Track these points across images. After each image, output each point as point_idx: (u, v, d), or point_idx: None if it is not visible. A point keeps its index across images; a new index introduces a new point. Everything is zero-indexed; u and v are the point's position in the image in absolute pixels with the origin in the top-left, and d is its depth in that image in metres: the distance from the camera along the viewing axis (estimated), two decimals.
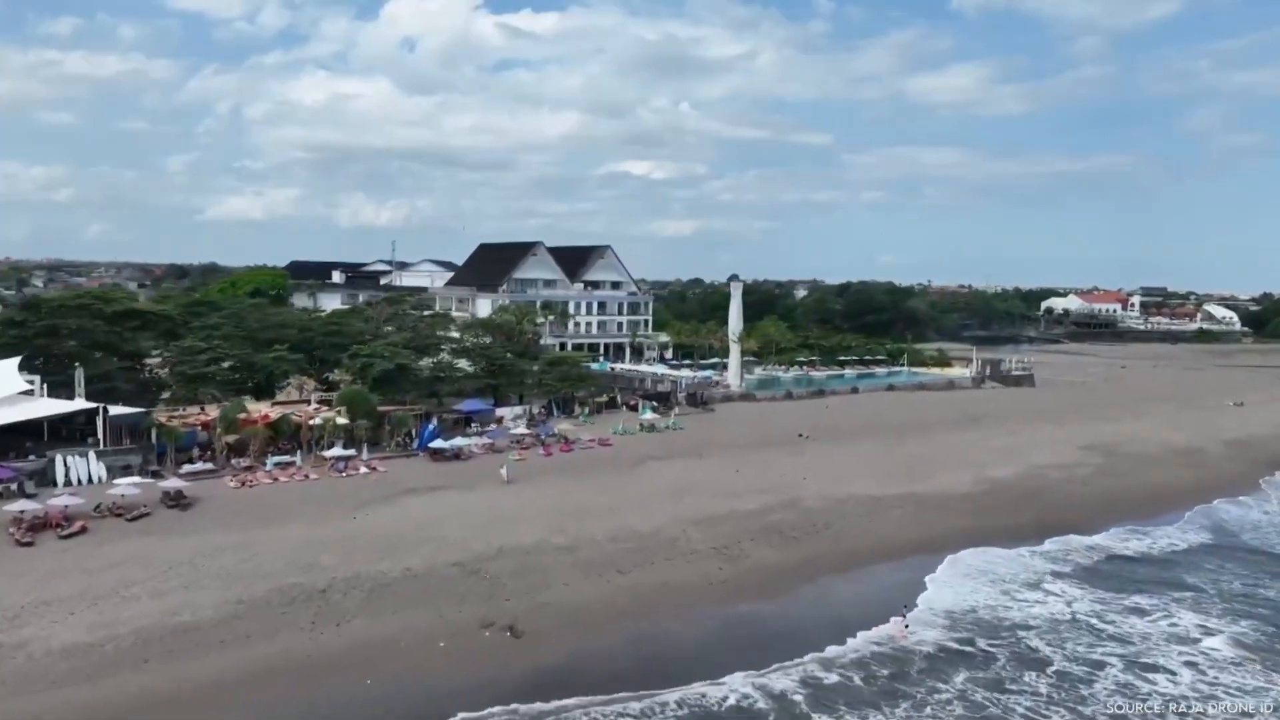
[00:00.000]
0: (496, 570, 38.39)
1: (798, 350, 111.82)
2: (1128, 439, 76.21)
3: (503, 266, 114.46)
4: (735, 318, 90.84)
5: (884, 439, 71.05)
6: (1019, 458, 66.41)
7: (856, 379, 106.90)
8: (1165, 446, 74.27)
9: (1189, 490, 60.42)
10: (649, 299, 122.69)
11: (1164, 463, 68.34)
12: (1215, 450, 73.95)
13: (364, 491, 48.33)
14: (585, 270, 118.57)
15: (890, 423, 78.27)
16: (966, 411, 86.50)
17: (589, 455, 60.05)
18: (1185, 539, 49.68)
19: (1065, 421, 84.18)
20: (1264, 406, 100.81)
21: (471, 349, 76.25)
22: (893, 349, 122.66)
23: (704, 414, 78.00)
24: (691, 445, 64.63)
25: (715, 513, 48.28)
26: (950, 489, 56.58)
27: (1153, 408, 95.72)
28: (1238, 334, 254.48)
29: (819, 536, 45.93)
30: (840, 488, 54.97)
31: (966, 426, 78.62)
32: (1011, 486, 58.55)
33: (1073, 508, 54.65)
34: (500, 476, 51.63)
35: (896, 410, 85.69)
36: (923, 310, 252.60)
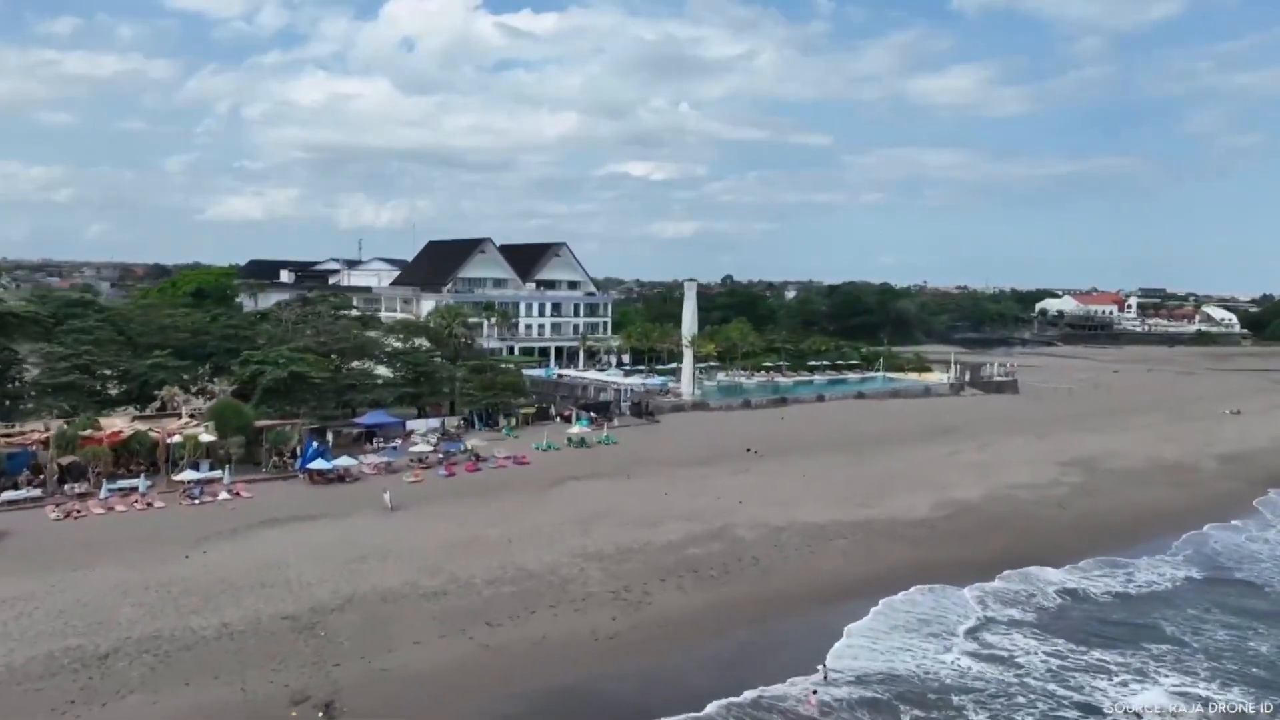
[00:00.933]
0: (337, 625, 32.45)
1: (765, 354, 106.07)
2: (1112, 453, 70.60)
3: (450, 265, 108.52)
4: (689, 320, 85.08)
5: (842, 454, 65.30)
6: (989, 476, 60.73)
7: (826, 385, 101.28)
8: (1153, 462, 68.69)
9: (1176, 513, 54.82)
10: (608, 300, 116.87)
11: (1150, 481, 62.73)
12: (1207, 466, 68.35)
13: (214, 523, 42.27)
14: (538, 269, 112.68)
15: (852, 435, 72.50)
16: (938, 422, 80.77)
17: (500, 476, 54.08)
18: (1169, 574, 43.94)
19: (1046, 433, 78.55)
20: (1262, 415, 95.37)
21: (391, 354, 70.35)
22: (868, 353, 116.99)
23: (647, 426, 72.16)
24: (622, 463, 58.73)
25: (626, 545, 42.43)
26: (906, 514, 50.83)
27: (1142, 417, 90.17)
28: (1237, 336, 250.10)
29: (742, 575, 40.07)
30: (780, 513, 49.17)
31: (936, 439, 72.87)
32: (976, 510, 52.83)
33: (1043, 535, 49.02)
34: (383, 503, 45.70)
35: (862, 420, 79.94)
36: (912, 312, 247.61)
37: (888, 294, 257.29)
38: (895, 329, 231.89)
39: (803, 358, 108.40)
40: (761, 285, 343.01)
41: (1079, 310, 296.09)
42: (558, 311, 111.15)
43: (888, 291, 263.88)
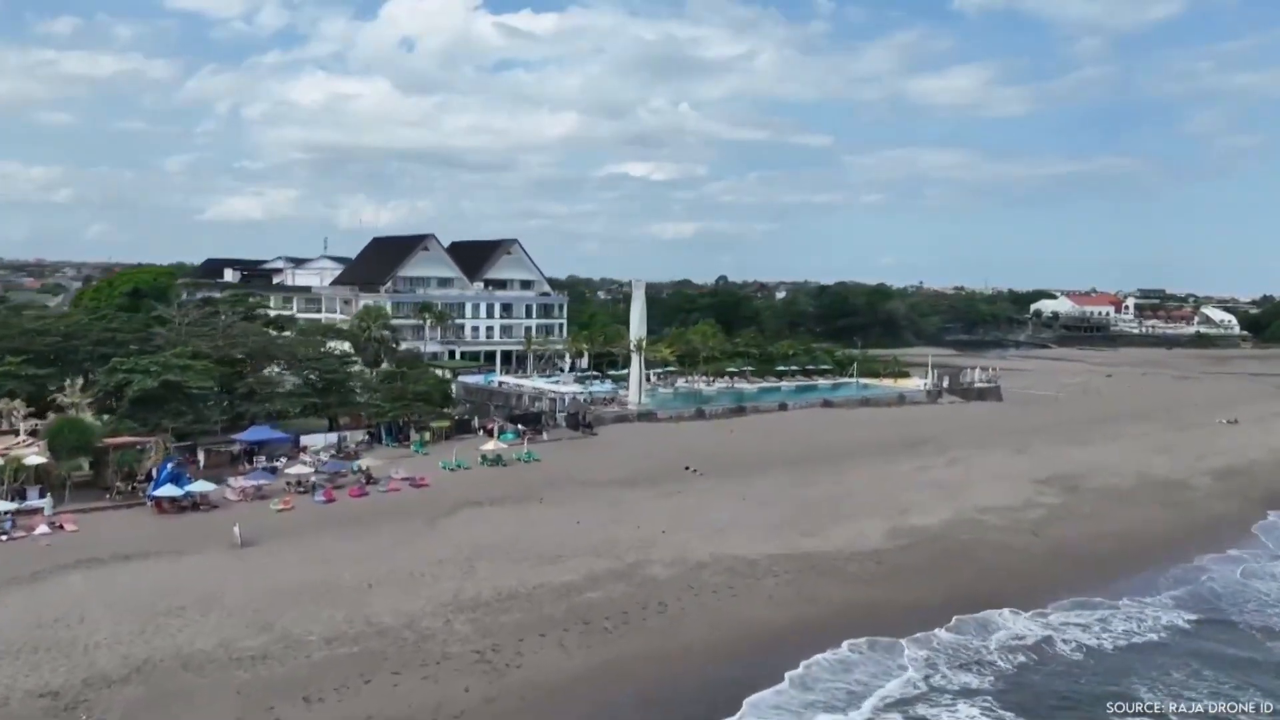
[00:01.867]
0: (109, 703, 26.37)
1: (731, 359, 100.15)
2: (1097, 468, 64.87)
3: (391, 263, 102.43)
4: (636, 322, 79.11)
5: (793, 471, 59.38)
6: (956, 497, 54.89)
7: (794, 392, 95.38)
8: (1141, 478, 62.95)
9: (1165, 541, 49.06)
10: (563, 300, 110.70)
11: (1137, 501, 56.95)
12: (1201, 484, 62.62)
13: (14, 564, 36.07)
14: (488, 268, 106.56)
15: (809, 449, 66.60)
16: (908, 433, 74.90)
17: (388, 501, 47.94)
18: (1153, 619, 38.07)
19: (1026, 446, 72.78)
20: (1260, 424, 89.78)
21: (301, 360, 64.25)
22: (842, 357, 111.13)
23: (582, 440, 66.15)
24: (537, 484, 52.66)
25: (512, 590, 36.42)
26: (854, 544, 44.93)
27: (1132, 427, 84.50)
28: (1236, 338, 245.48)
29: (643, 626, 34.09)
30: (707, 545, 43.23)
31: (902, 453, 67.02)
32: (937, 538, 46.95)
33: (1011, 569, 43.21)
34: (232, 537, 39.60)
35: (824, 432, 74.04)
36: (902, 313, 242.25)
37: (877, 295, 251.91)
38: (885, 331, 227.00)
39: (771, 362, 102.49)
40: (754, 285, 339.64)
41: (1075, 312, 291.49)
42: (508, 313, 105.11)
43: (877, 292, 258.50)
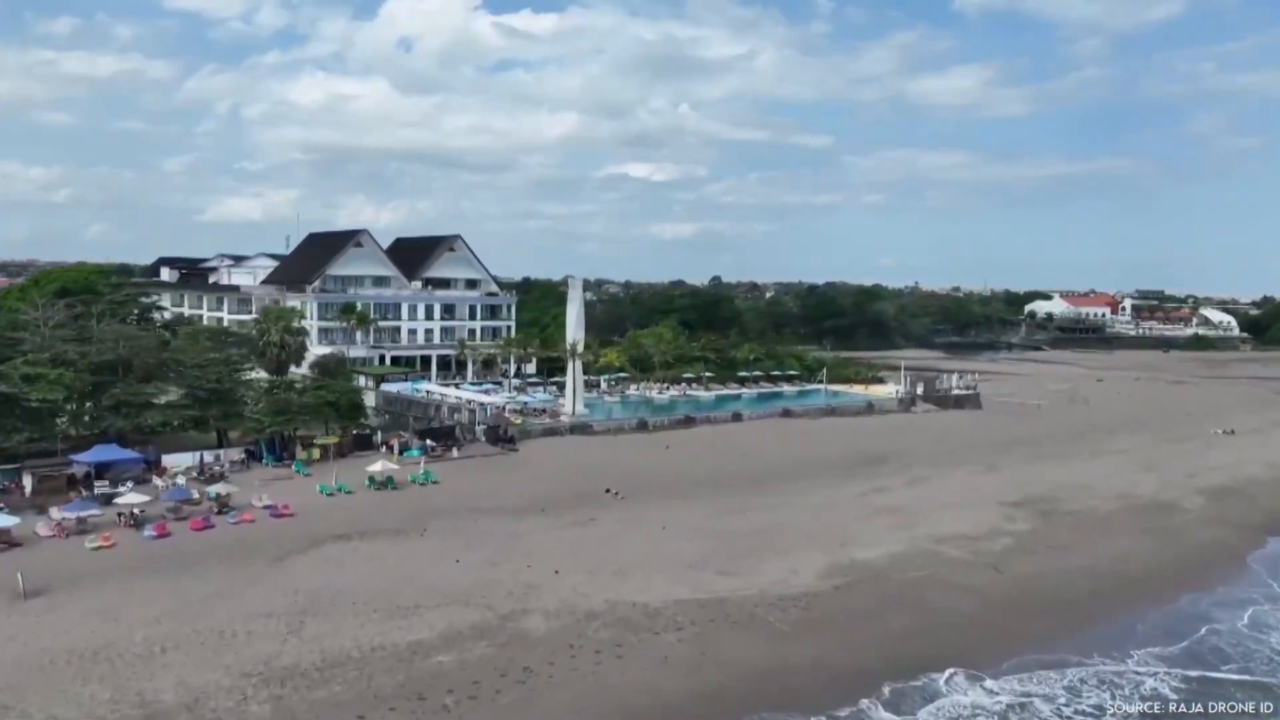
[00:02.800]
0: None
1: (691, 364, 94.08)
2: (1075, 488, 58.95)
3: (321, 260, 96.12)
4: (573, 325, 72.95)
5: (730, 495, 53.33)
6: (911, 524, 48.89)
7: (755, 400, 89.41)
8: (1125, 500, 57.06)
9: (1147, 578, 43.14)
10: (511, 301, 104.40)
11: (1118, 528, 51.02)
12: (1192, 506, 56.71)
13: None
14: (428, 266, 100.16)
15: (755, 468, 60.52)
16: (870, 448, 68.85)
17: (238, 535, 41.61)
18: (1129, 686, 32.11)
19: (999, 462, 66.86)
20: (1259, 435, 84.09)
21: (184, 367, 57.97)
22: (812, 362, 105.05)
23: (500, 457, 59.91)
24: (425, 513, 46.39)
25: (341, 653, 30.25)
26: (781, 585, 38.89)
27: (1119, 439, 78.66)
28: (1235, 340, 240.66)
29: (495, 703, 27.94)
30: (605, 589, 37.17)
31: (859, 472, 60.98)
32: (881, 577, 40.94)
33: (964, 617, 37.25)
34: (16, 585, 33.31)
35: (777, 447, 67.95)
36: (890, 314, 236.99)
37: (865, 296, 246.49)
38: (872, 332, 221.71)
39: (733, 367, 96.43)
40: (745, 286, 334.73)
41: (1070, 313, 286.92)
42: (450, 314, 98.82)
43: (865, 293, 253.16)
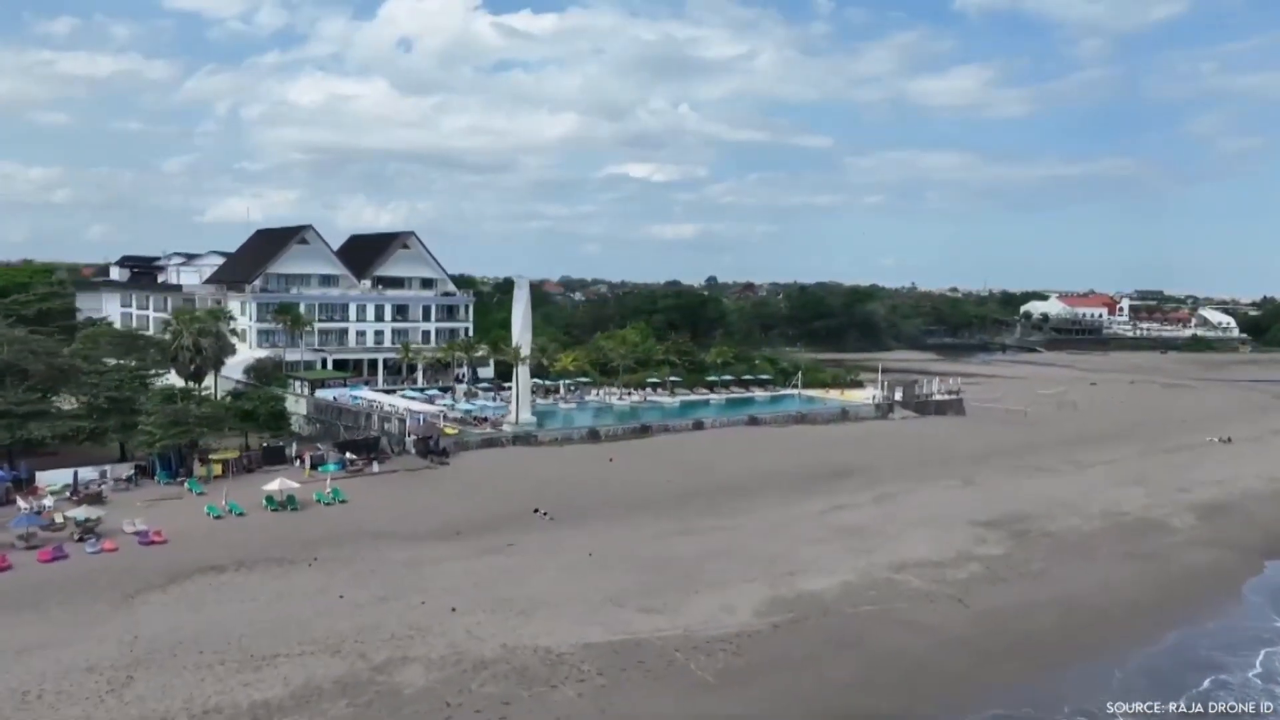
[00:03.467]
0: None
1: (658, 368, 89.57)
2: (1056, 505, 54.70)
3: (265, 258, 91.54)
4: (519, 327, 68.45)
5: (673, 514, 48.94)
6: (869, 549, 44.61)
7: (723, 407, 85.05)
8: (1109, 518, 52.83)
9: (1128, 612, 38.95)
10: (469, 301, 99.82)
11: (1100, 551, 46.75)
12: (1182, 524, 52.49)
13: None
14: (379, 264, 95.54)
15: (706, 483, 56.05)
16: (837, 459, 64.47)
17: (91, 568, 36.94)
18: None
19: (976, 475, 62.56)
20: (1257, 444, 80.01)
21: (85, 375, 53.45)
22: (787, 365, 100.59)
23: (427, 471, 55.36)
24: (321, 538, 41.90)
25: (164, 717, 25.77)
26: (711, 624, 34.54)
27: (1108, 449, 74.40)
28: (1234, 341, 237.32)
29: None
30: (505, 631, 32.78)
31: (821, 487, 56.61)
32: (828, 613, 36.61)
33: (917, 662, 32.98)
34: None
35: (736, 458, 63.51)
36: (881, 315, 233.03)
37: (855, 296, 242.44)
38: (862, 334, 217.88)
39: (702, 371, 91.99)
40: (739, 286, 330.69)
41: (1066, 313, 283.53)
42: (402, 315, 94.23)
43: (855, 293, 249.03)
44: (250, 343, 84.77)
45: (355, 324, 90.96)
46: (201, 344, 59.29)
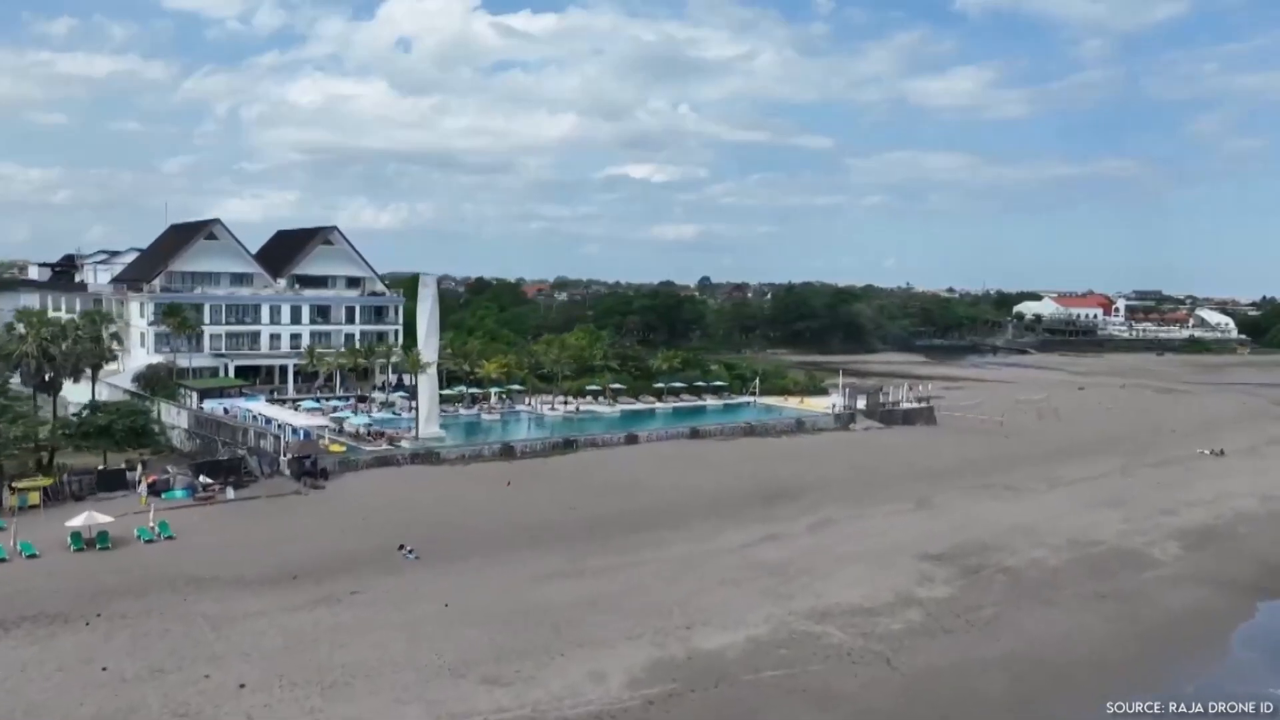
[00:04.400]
0: None
1: (598, 375, 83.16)
2: (1020, 532, 48.54)
3: (168, 255, 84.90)
4: (424, 329, 62.03)
5: (566, 549, 42.48)
6: (793, 591, 38.37)
7: (670, 416, 78.89)
8: (1080, 548, 46.62)
9: (1092, 675, 32.64)
10: (399, 302, 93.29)
11: (1064, 592, 40.52)
12: (1164, 555, 46.30)
13: None
14: (298, 262, 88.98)
15: (617, 509, 49.57)
16: (779, 479, 58.14)
17: None
18: None
19: (933, 496, 56.28)
20: (1252, 456, 74.02)
21: None
22: (745, 371, 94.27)
23: (298, 496, 48.87)
24: (116, 587, 35.10)
25: None
26: (567, 700, 28.20)
27: (1087, 463, 68.22)
28: (1232, 343, 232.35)
29: None
30: (293, 717, 26.32)
31: (753, 512, 50.25)
32: (722, 679, 30.31)
33: None
34: None
35: (661, 477, 57.06)
36: (867, 316, 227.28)
37: (840, 297, 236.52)
38: (847, 335, 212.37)
39: (649, 378, 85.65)
40: (729, 286, 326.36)
41: (1060, 314, 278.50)
42: (324, 317, 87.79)
43: (840, 294, 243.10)
44: (148, 347, 78.53)
45: (268, 327, 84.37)
46: (51, 350, 52.71)
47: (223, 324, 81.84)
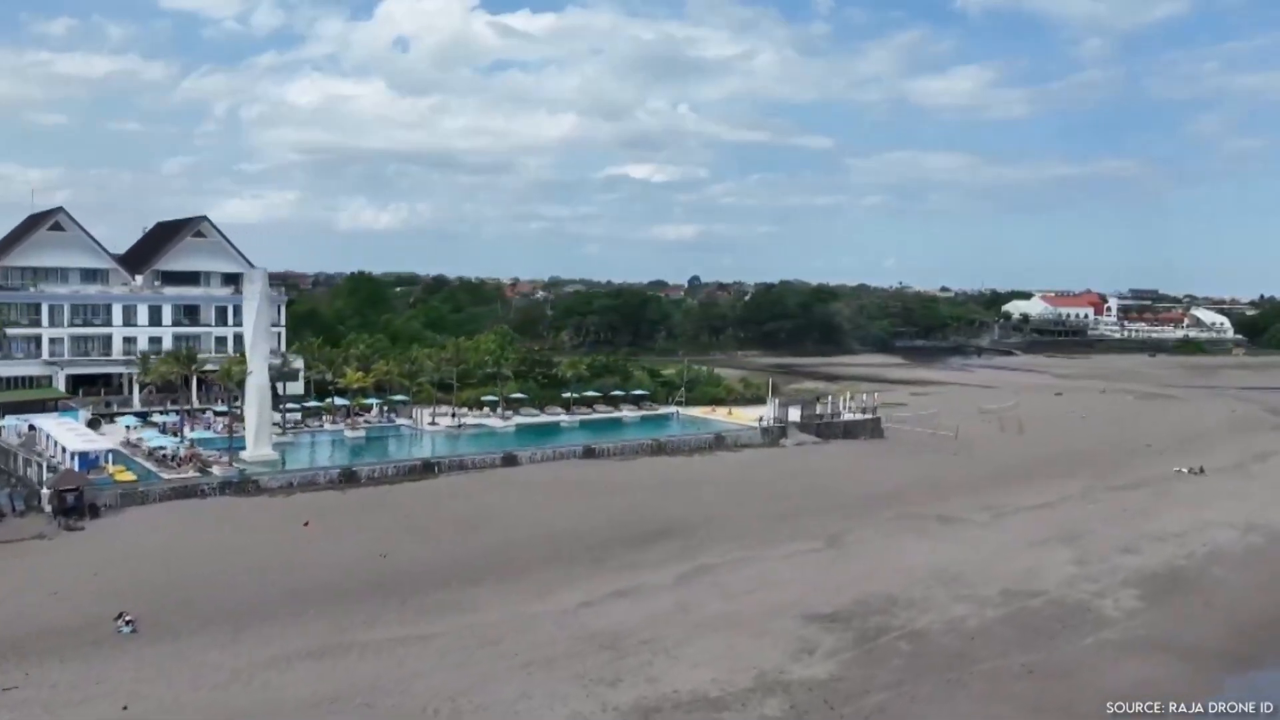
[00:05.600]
0: None
1: (490, 384, 74.42)
2: (943, 581, 40.29)
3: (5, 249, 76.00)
4: (250, 331, 53.42)
5: (336, 616, 33.81)
6: (619, 674, 29.98)
7: (573, 431, 70.50)
8: (1014, 602, 38.35)
9: None
10: (280, 301, 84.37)
11: (982, 666, 32.18)
12: (1116, 609, 38.05)
13: None
14: (161, 256, 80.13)
15: (439, 558, 40.84)
16: (664, 512, 49.53)
17: None
18: None
19: (850, 531, 47.90)
20: (1237, 476, 65.98)
21: None
22: (673, 378, 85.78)
23: (45, 540, 40.15)
24: None
25: None
26: None
27: (1045, 485, 60.09)
28: (1228, 343, 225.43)
29: None
30: None
31: (615, 557, 41.71)
32: None
33: None
34: None
35: (522, 512, 48.46)
36: (844, 316, 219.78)
37: (817, 295, 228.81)
38: (823, 337, 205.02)
39: (557, 386, 77.15)
40: (712, 285, 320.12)
41: (1048, 314, 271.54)
42: (191, 318, 79.10)
43: (817, 293, 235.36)
44: None
45: (122, 329, 75.39)
46: None
47: (65, 326, 72.94)
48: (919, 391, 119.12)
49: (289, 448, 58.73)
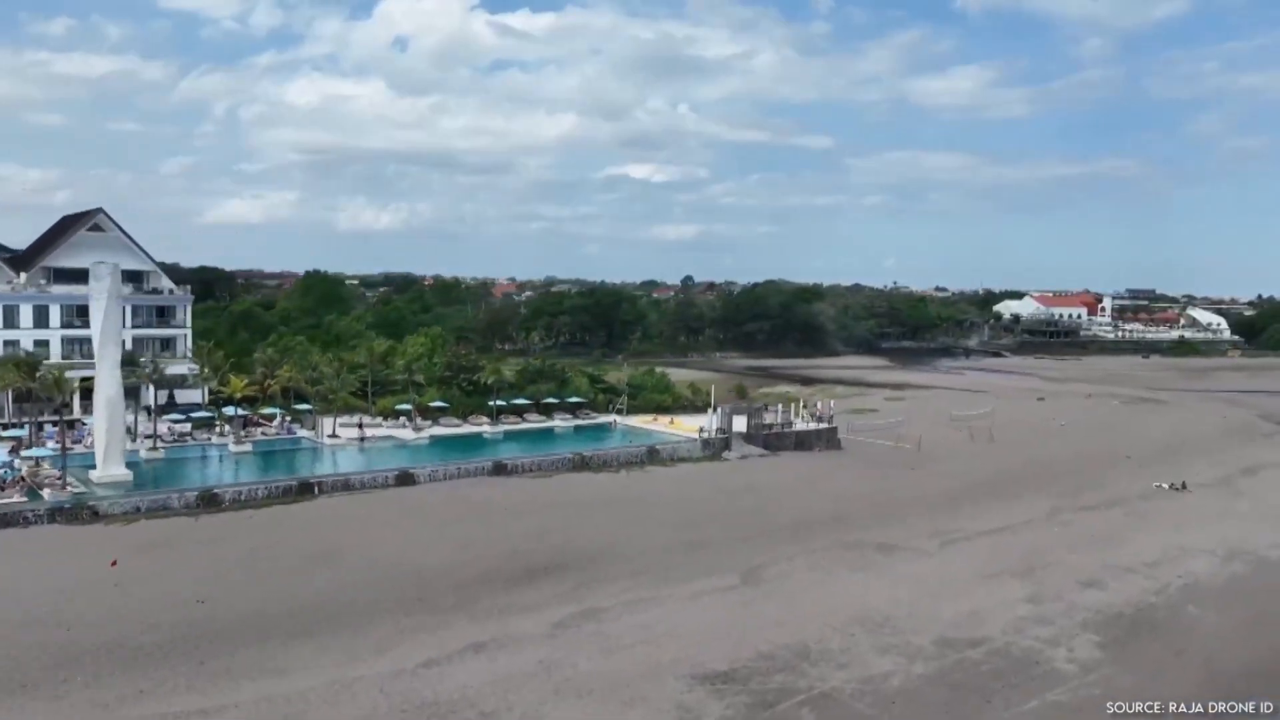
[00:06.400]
0: None
1: (402, 392, 68.70)
2: (866, 624, 34.78)
3: None
4: (98, 333, 47.76)
5: (106, 683, 28.10)
6: None
7: (496, 443, 64.95)
8: (949, 654, 32.81)
9: None
10: (187, 301, 78.69)
11: None
12: (1069, 662, 32.49)
13: None
14: (51, 252, 74.36)
15: (265, 603, 35.24)
16: (555, 543, 43.82)
17: None
18: None
19: (775, 563, 42.30)
20: (1223, 492, 60.57)
21: None
22: (616, 385, 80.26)
23: None
24: None
25: None
26: None
27: (1007, 505, 54.62)
28: (1224, 344, 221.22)
29: None
30: None
31: (482, 602, 35.98)
32: None
33: None
34: None
35: (394, 543, 42.75)
36: (827, 317, 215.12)
37: (800, 295, 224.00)
38: (805, 337, 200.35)
39: (483, 394, 71.53)
40: (702, 285, 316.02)
41: (1040, 314, 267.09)
42: (84, 319, 72.89)
43: (800, 292, 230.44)
44: None
45: (2, 331, 69.72)
46: None
47: None
48: (894, 396, 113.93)
49: (159, 465, 53.09)
